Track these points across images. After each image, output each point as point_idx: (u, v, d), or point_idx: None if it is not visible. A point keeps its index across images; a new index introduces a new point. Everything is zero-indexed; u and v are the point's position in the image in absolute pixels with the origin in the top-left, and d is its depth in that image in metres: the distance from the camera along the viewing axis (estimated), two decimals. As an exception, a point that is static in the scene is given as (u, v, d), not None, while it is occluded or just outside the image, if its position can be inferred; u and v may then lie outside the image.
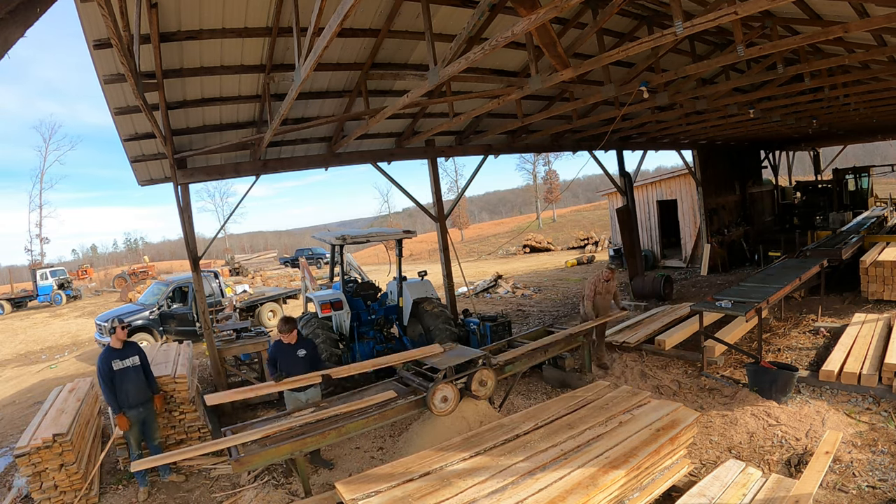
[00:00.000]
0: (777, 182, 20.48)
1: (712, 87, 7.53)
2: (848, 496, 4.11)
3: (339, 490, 3.84)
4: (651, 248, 17.44)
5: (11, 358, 14.71)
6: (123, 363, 5.25)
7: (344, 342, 7.57)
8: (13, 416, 8.95)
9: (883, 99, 9.82)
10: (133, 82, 4.26)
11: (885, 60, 6.41)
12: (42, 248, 40.76)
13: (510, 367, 6.00)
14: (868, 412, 5.45)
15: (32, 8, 1.52)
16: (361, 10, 5.28)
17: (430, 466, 4.04)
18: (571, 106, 7.38)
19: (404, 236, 8.16)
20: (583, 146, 11.76)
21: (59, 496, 4.99)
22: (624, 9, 6.07)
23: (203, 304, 7.36)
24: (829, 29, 4.75)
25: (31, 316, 22.44)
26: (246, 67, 6.02)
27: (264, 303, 14.83)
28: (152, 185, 8.21)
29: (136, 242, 74.64)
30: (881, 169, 20.00)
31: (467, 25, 3.85)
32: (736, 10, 3.58)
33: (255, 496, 5.05)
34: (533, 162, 54.05)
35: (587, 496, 3.53)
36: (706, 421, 5.58)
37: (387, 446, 5.85)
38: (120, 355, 5.27)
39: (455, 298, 9.51)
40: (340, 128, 8.03)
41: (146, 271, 29.83)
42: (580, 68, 4.88)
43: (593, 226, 39.19)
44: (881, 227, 12.93)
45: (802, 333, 8.09)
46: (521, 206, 77.30)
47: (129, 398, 5.23)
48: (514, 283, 16.97)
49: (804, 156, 23.04)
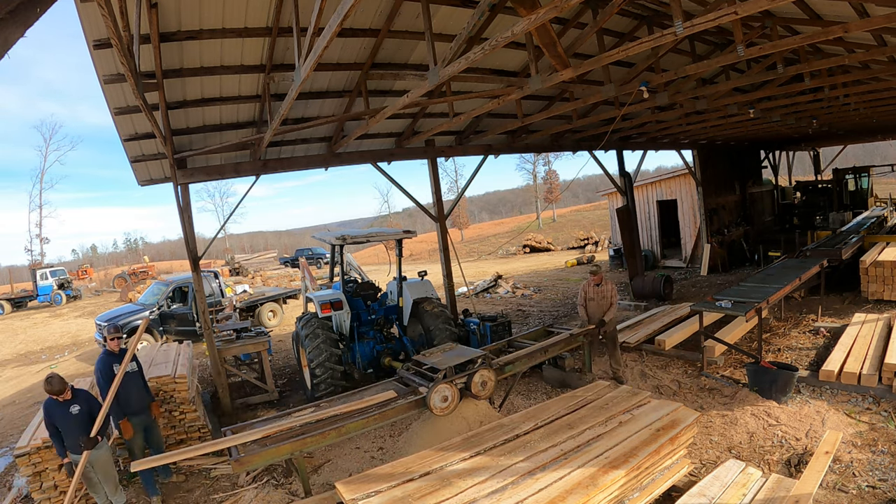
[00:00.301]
0: (777, 182, 20.48)
1: (712, 87, 7.53)
2: (848, 496, 4.12)
3: (340, 490, 3.84)
4: (651, 248, 17.45)
5: (11, 358, 14.71)
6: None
7: (344, 342, 7.58)
8: (13, 416, 8.96)
9: (883, 99, 9.82)
10: (133, 82, 4.26)
11: (885, 60, 6.41)
12: (42, 248, 40.81)
13: (510, 367, 6.00)
14: (868, 412, 5.45)
15: (32, 8, 1.52)
16: (361, 10, 5.29)
17: (430, 466, 4.04)
18: (571, 106, 7.38)
19: (404, 236, 8.16)
20: (583, 146, 11.76)
21: (59, 496, 4.99)
22: (624, 9, 6.08)
23: (203, 304, 7.36)
24: (829, 29, 4.76)
25: (31, 316, 22.44)
26: (246, 67, 6.02)
27: (264, 303, 14.83)
28: (152, 185, 8.21)
29: (136, 242, 74.74)
30: (881, 169, 20.00)
31: (467, 25, 3.85)
32: (736, 10, 3.58)
33: (255, 496, 5.05)
34: (533, 162, 54.11)
35: (587, 496, 3.53)
36: (706, 421, 5.58)
37: (387, 446, 5.85)
38: (119, 360, 5.03)
39: (455, 298, 9.52)
40: (340, 128, 8.04)
41: (146, 271, 29.83)
42: (580, 68, 4.88)
43: (593, 226, 39.19)
44: (881, 227, 12.93)
45: (802, 333, 8.09)
46: (521, 206, 77.31)
47: (131, 404, 5.08)
48: (514, 283, 16.97)
49: (804, 156, 23.04)
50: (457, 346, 6.14)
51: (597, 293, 7.19)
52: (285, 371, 9.60)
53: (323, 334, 7.10)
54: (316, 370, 6.92)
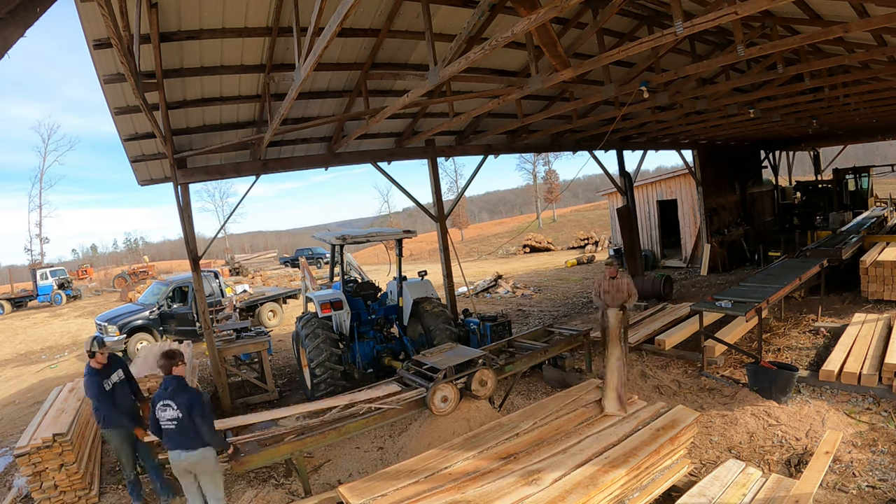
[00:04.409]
0: (777, 182, 20.46)
1: (712, 87, 7.53)
2: (848, 496, 4.11)
3: (344, 494, 3.83)
4: (651, 248, 17.44)
5: (11, 358, 14.71)
6: (111, 381, 4.86)
7: (344, 342, 7.58)
8: (13, 416, 8.96)
9: (883, 99, 9.82)
10: (133, 82, 4.27)
11: (885, 60, 6.41)
12: (42, 248, 40.80)
13: (510, 367, 6.00)
14: (868, 412, 5.45)
15: (32, 8, 1.52)
16: (361, 10, 5.29)
17: (432, 468, 4.04)
18: (571, 106, 7.38)
19: (404, 236, 8.15)
20: (583, 146, 11.76)
21: (59, 496, 4.99)
22: (624, 9, 6.08)
23: (203, 304, 7.36)
24: (829, 29, 4.76)
25: (31, 316, 22.43)
26: (246, 67, 6.02)
27: (264, 303, 14.83)
28: (152, 184, 8.22)
29: (136, 242, 74.76)
30: (881, 169, 19.98)
31: (467, 25, 3.85)
32: (736, 10, 3.58)
33: (255, 496, 5.05)
34: (533, 162, 54.12)
35: (587, 496, 3.53)
36: (706, 421, 5.57)
37: (387, 446, 5.84)
38: (105, 374, 4.84)
39: (455, 298, 9.51)
40: (340, 128, 8.03)
41: (146, 271, 29.79)
42: (580, 68, 4.88)
43: (593, 226, 39.18)
44: (881, 227, 12.93)
45: (802, 333, 8.09)
46: (521, 206, 77.33)
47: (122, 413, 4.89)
48: (514, 282, 16.97)
49: (804, 156, 23.03)
50: (457, 346, 6.14)
51: (612, 286, 6.98)
52: (285, 371, 9.60)
53: (323, 334, 7.09)
54: (316, 370, 6.92)
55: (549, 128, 9.94)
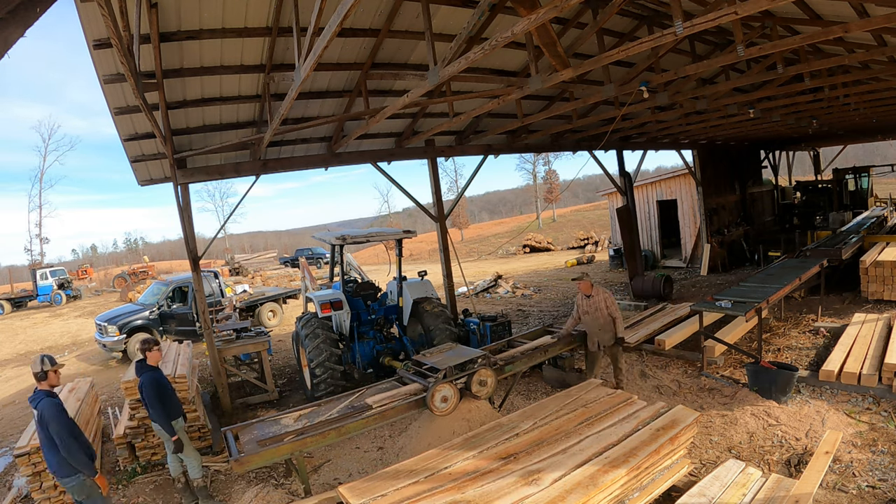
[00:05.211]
0: (777, 182, 20.47)
1: (712, 87, 7.53)
2: (848, 496, 4.12)
3: (344, 494, 3.83)
4: (651, 248, 17.44)
5: (11, 358, 14.71)
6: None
7: (344, 342, 7.58)
8: (13, 416, 8.96)
9: (883, 99, 9.82)
10: (133, 82, 4.27)
11: (885, 60, 6.41)
12: (42, 248, 40.80)
13: (510, 367, 6.00)
14: (868, 412, 5.45)
15: (32, 8, 1.52)
16: (361, 9, 5.29)
17: (433, 469, 4.04)
18: (571, 106, 7.38)
19: (404, 236, 8.16)
20: (583, 146, 11.76)
21: (59, 496, 4.99)
22: (624, 9, 6.07)
23: (203, 304, 7.36)
24: (829, 29, 4.76)
25: (31, 316, 22.42)
26: (246, 67, 6.02)
27: (264, 303, 14.82)
28: (152, 185, 8.21)
29: (136, 242, 74.72)
30: (881, 169, 19.99)
31: (467, 25, 3.85)
32: (736, 10, 3.58)
33: (254, 496, 5.05)
34: (533, 162, 54.11)
35: (587, 496, 3.53)
36: (706, 421, 5.58)
37: (386, 446, 5.85)
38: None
39: (455, 298, 9.51)
40: (340, 128, 8.03)
41: (146, 271, 29.78)
42: (580, 68, 4.88)
43: (593, 226, 39.18)
44: (881, 227, 12.93)
45: (802, 333, 8.09)
46: (521, 206, 77.31)
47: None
48: (514, 283, 16.97)
49: (804, 156, 23.04)
50: (457, 346, 6.14)
51: (590, 306, 6.24)
52: (285, 371, 9.60)
53: (323, 334, 7.10)
54: (316, 370, 6.92)
55: (549, 128, 9.94)
